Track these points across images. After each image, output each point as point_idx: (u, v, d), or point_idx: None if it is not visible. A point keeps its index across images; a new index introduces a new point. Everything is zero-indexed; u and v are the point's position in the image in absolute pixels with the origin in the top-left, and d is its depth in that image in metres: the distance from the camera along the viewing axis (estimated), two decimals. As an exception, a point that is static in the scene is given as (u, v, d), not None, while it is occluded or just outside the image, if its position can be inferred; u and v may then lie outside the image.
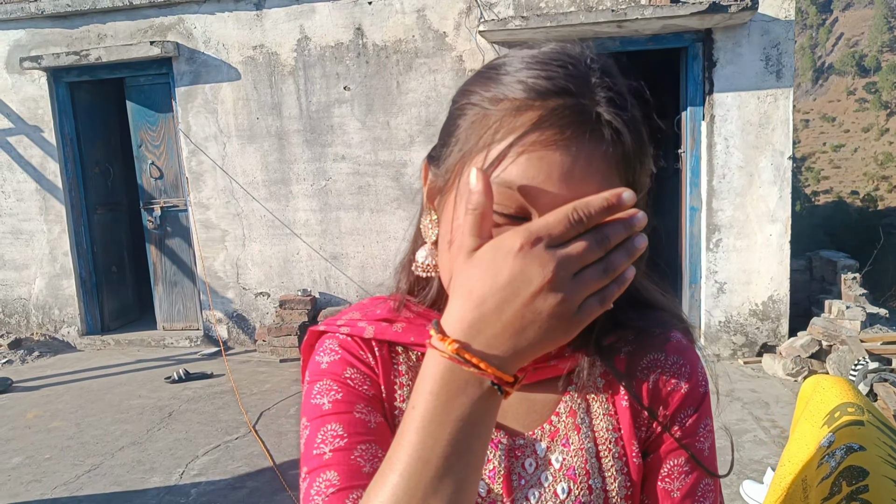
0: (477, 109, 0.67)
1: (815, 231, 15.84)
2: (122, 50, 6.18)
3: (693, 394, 0.80)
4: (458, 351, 0.56)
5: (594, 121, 0.63)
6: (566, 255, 0.55)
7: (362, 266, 6.23)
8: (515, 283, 0.55)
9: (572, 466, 0.78)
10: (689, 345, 0.83)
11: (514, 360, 0.57)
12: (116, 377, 5.77)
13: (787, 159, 5.38)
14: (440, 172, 0.73)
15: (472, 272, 0.57)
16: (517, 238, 0.55)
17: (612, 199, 0.56)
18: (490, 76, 0.68)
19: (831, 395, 1.40)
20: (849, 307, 5.20)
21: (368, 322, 0.82)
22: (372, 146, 6.06)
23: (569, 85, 0.64)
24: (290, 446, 4.18)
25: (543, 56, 0.67)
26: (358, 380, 0.79)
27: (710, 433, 0.81)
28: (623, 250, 0.56)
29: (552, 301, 0.54)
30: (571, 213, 0.55)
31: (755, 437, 4.10)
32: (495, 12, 5.65)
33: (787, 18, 5.24)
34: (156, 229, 6.70)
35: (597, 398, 0.81)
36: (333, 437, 0.73)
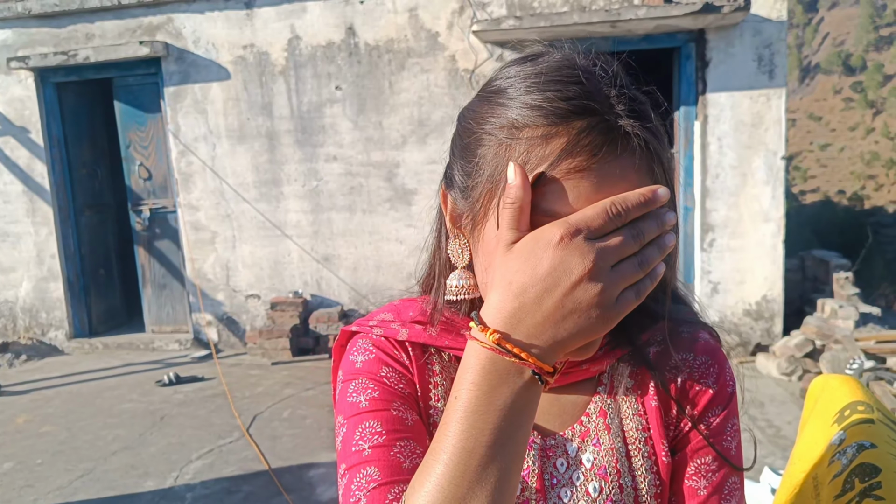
0: (497, 139, 0.67)
1: (803, 230, 15.95)
2: (111, 50, 6.12)
3: (721, 393, 0.82)
4: (499, 341, 0.58)
5: (621, 136, 0.63)
6: (605, 247, 0.57)
7: (354, 267, 6.19)
8: (556, 273, 0.56)
9: (603, 466, 0.79)
10: (716, 345, 0.85)
11: (554, 350, 0.59)
12: (106, 381, 5.71)
13: (780, 159, 5.40)
14: (468, 202, 0.72)
15: (511, 264, 0.59)
16: (557, 230, 0.57)
17: (649, 195, 0.59)
18: (498, 102, 0.68)
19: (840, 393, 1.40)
20: (842, 306, 5.21)
21: (402, 324, 0.83)
22: (364, 146, 6.02)
23: (589, 103, 0.63)
24: (284, 450, 4.14)
25: (551, 72, 0.66)
26: (394, 378, 0.79)
27: (736, 432, 0.84)
28: (655, 246, 0.59)
29: (592, 291, 0.56)
30: (610, 206, 0.57)
31: (751, 436, 4.10)
32: (488, 12, 5.63)
33: (780, 19, 5.25)
34: (144, 231, 6.64)
35: (626, 399, 0.82)
36: (372, 434, 0.74)
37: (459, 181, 0.73)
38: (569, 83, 0.64)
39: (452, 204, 0.75)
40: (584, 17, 5.06)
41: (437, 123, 5.86)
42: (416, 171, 5.96)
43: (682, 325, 0.84)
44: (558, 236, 0.57)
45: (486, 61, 5.70)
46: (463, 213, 0.73)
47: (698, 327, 0.85)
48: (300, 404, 4.91)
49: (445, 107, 5.83)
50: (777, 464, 3.59)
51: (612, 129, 0.63)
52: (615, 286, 0.57)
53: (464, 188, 0.72)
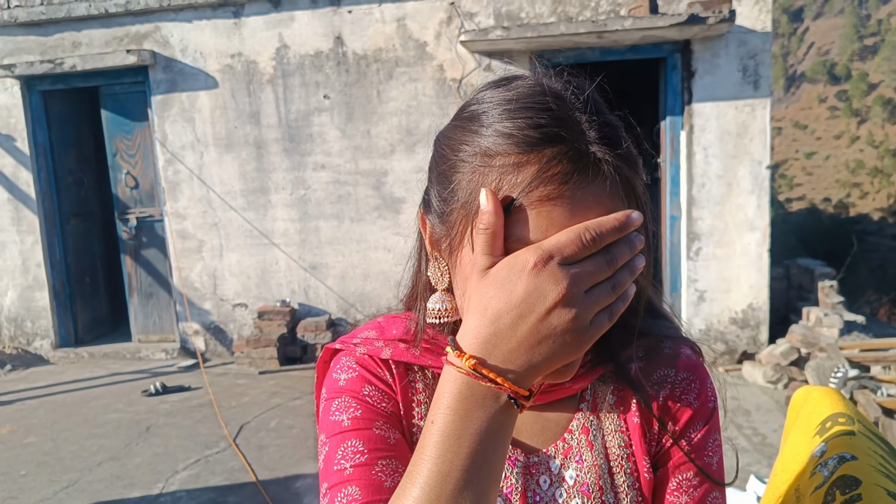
0: (471, 167, 0.67)
1: (790, 237, 16.07)
2: (98, 58, 6.10)
3: (703, 409, 0.83)
4: (474, 367, 0.59)
5: (592, 163, 0.64)
6: (578, 273, 0.57)
7: (342, 276, 6.18)
8: (530, 299, 0.57)
9: (586, 482, 0.79)
10: (698, 361, 0.86)
11: (530, 375, 0.59)
12: (91, 391, 5.66)
13: (765, 168, 5.44)
14: (445, 227, 0.72)
15: (486, 290, 0.60)
16: (531, 256, 0.58)
17: (623, 219, 0.59)
18: (472, 129, 0.68)
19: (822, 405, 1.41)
20: (827, 314, 5.25)
21: (385, 343, 0.83)
22: (352, 155, 6.02)
23: (559, 131, 0.63)
24: (271, 460, 4.12)
25: (522, 99, 0.66)
26: (376, 397, 0.80)
27: (718, 447, 0.84)
28: (627, 269, 0.60)
29: (566, 316, 0.57)
30: (584, 232, 0.58)
31: (737, 444, 4.12)
32: (476, 22, 5.65)
33: (764, 30, 5.30)
34: (131, 240, 6.61)
35: (608, 416, 0.83)
36: (354, 453, 0.74)
37: (436, 206, 0.74)
38: (540, 110, 0.64)
39: (431, 228, 0.76)
40: (570, 28, 5.09)
41: (425, 132, 5.87)
42: (404, 179, 5.97)
43: (664, 340, 0.85)
44: (532, 262, 0.57)
45: (474, 71, 5.72)
46: (441, 238, 0.74)
47: (680, 343, 0.86)
48: (287, 414, 4.89)
49: (433, 116, 5.84)
50: (763, 472, 3.61)
51: (582, 156, 0.63)
52: (589, 311, 0.58)
53: (440, 213, 0.73)
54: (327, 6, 5.88)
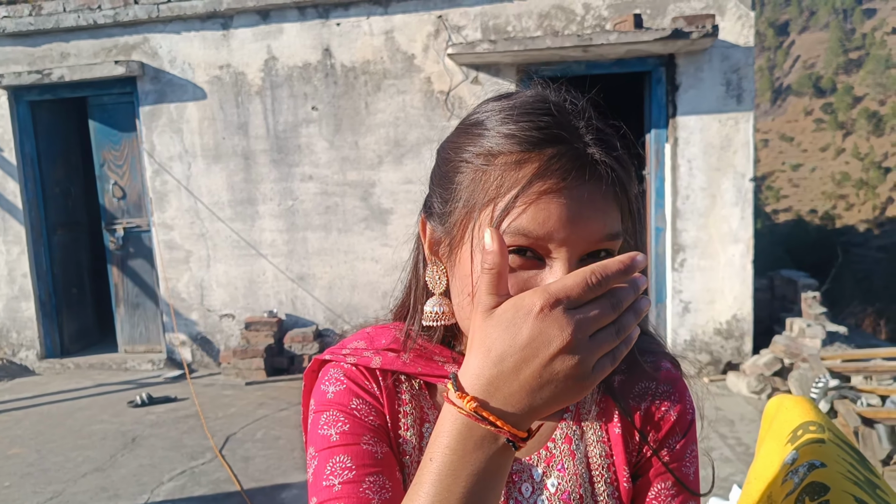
0: (473, 166, 0.71)
1: (776, 249, 16.18)
2: (86, 69, 6.10)
3: (681, 421, 0.86)
4: (476, 409, 0.59)
5: (589, 163, 0.67)
6: (584, 319, 0.57)
7: (330, 287, 6.19)
8: (535, 343, 0.57)
9: (567, 490, 0.81)
10: (677, 374, 0.89)
11: (529, 417, 0.60)
12: (77, 402, 5.63)
13: (748, 181, 5.51)
14: (445, 228, 0.75)
15: (491, 331, 0.59)
16: (537, 299, 0.57)
17: (628, 262, 0.59)
18: (475, 133, 0.72)
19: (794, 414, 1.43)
20: (809, 325, 5.31)
21: (375, 352, 0.84)
22: (340, 166, 6.05)
23: (559, 132, 0.67)
24: (257, 471, 4.11)
25: (524, 106, 0.70)
26: (364, 410, 0.81)
27: (695, 458, 0.87)
28: (632, 312, 0.59)
29: (569, 363, 0.56)
30: (590, 276, 0.57)
31: (721, 454, 4.15)
32: (463, 35, 5.71)
33: (747, 45, 5.38)
34: (118, 250, 6.59)
35: (591, 425, 0.85)
36: (342, 469, 0.75)
37: (438, 208, 0.77)
38: (541, 115, 0.68)
39: (431, 231, 0.79)
40: (556, 42, 5.15)
41: (413, 144, 5.91)
42: (392, 190, 6.00)
43: (646, 354, 0.88)
44: (539, 307, 0.57)
45: (462, 83, 5.77)
46: (441, 240, 0.76)
47: (661, 357, 0.89)
48: (274, 425, 4.89)
49: (421, 128, 5.89)
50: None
51: (580, 156, 0.67)
52: (592, 356, 0.57)
53: (441, 214, 0.76)
54: (316, 18, 5.92)
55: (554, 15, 5.60)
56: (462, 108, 5.80)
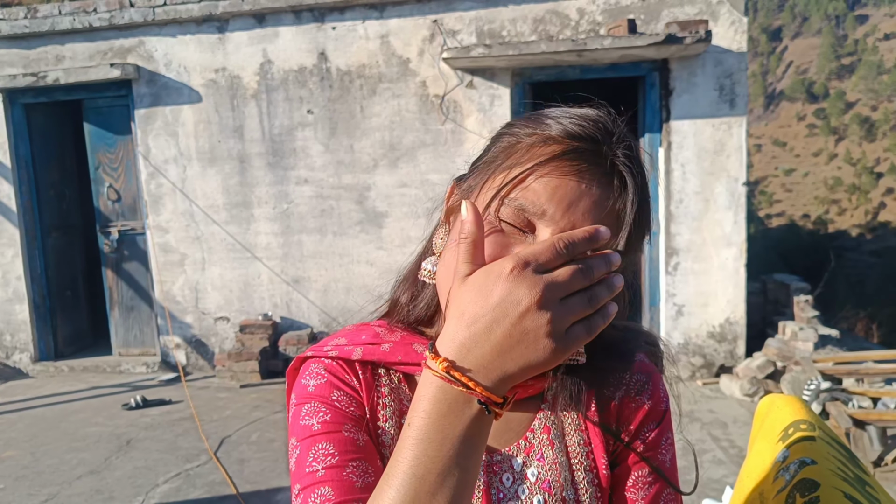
0: (512, 138, 0.76)
1: (769, 253, 16.23)
2: (81, 72, 6.11)
3: (655, 410, 0.88)
4: (447, 369, 0.60)
5: (608, 167, 0.71)
6: (552, 279, 0.59)
7: (324, 289, 6.20)
8: (505, 303, 0.59)
9: (547, 479, 0.83)
10: (651, 365, 0.91)
11: (503, 382, 0.61)
12: (71, 404, 5.63)
13: (741, 185, 5.54)
14: (464, 188, 0.80)
15: (465, 295, 0.62)
16: (507, 263, 0.60)
17: (592, 231, 0.61)
18: (534, 118, 0.77)
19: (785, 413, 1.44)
20: (802, 329, 5.34)
21: (355, 346, 0.86)
22: (335, 169, 6.07)
23: (596, 135, 0.72)
24: (252, 473, 4.12)
25: (581, 112, 0.75)
26: (344, 401, 0.82)
27: (671, 446, 0.89)
28: (604, 285, 0.61)
29: (540, 321, 0.58)
30: (557, 241, 0.60)
31: (714, 456, 4.17)
32: (458, 39, 5.74)
33: (740, 50, 5.43)
34: (112, 253, 6.59)
35: (568, 415, 0.87)
36: (325, 455, 0.76)
37: (467, 174, 0.82)
38: (586, 119, 0.74)
39: (455, 197, 0.83)
40: (551, 47, 5.18)
41: (407, 147, 5.93)
42: (387, 194, 6.01)
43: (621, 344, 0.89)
44: (508, 268, 0.59)
45: (457, 87, 5.80)
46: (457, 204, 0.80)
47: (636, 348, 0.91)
48: (268, 427, 4.89)
49: (416, 131, 5.91)
50: (738, 483, 3.65)
51: (602, 158, 0.71)
52: (564, 319, 0.59)
53: (471, 172, 0.81)
54: (311, 22, 5.94)
55: (549, 20, 5.63)
56: (457, 111, 5.83)
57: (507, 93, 5.72)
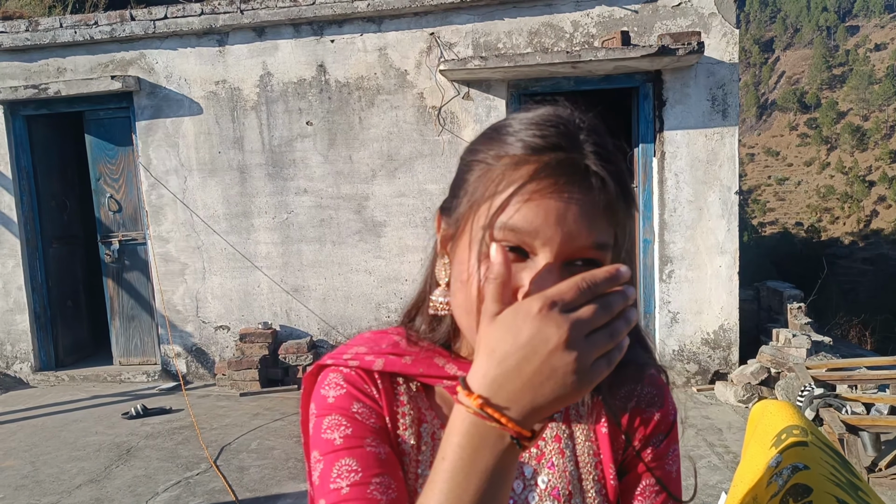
0: (483, 165, 0.77)
1: (763, 261, 16.32)
2: (82, 84, 6.17)
3: (664, 421, 0.91)
4: (481, 406, 0.63)
5: (583, 171, 0.73)
6: (578, 318, 0.62)
7: (324, 298, 6.26)
8: (534, 342, 0.61)
9: (557, 487, 0.86)
10: (661, 378, 0.95)
11: (533, 416, 0.63)
12: (71, 414, 5.65)
13: (733, 194, 5.63)
14: (451, 221, 0.82)
15: (494, 333, 0.63)
16: (535, 303, 0.62)
17: (613, 271, 0.64)
18: (493, 137, 0.78)
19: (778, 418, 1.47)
20: (795, 335, 5.41)
21: (376, 355, 0.87)
22: (334, 180, 6.13)
23: (560, 141, 0.73)
24: (252, 481, 4.15)
25: (538, 118, 0.76)
26: (365, 413, 0.84)
27: (677, 458, 0.92)
28: (623, 319, 0.64)
29: (567, 359, 0.60)
30: (581, 282, 0.63)
31: (709, 462, 4.22)
32: (455, 52, 5.82)
33: (732, 61, 5.52)
34: (113, 263, 6.63)
35: (579, 425, 0.90)
36: (349, 472, 0.78)
37: (449, 203, 0.83)
38: (548, 126, 0.75)
39: (444, 227, 0.84)
40: (546, 59, 5.26)
41: (405, 158, 6.00)
42: (386, 203, 6.08)
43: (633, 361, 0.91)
44: (536, 308, 0.61)
45: (453, 99, 5.88)
46: (450, 235, 0.82)
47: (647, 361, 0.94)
48: (268, 435, 4.93)
49: (414, 142, 5.98)
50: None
51: (575, 164, 0.72)
52: (589, 354, 0.61)
53: (451, 209, 0.81)
54: (310, 35, 6.02)
55: (544, 32, 5.72)
56: (454, 122, 5.90)
57: (503, 104, 5.81)
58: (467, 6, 5.74)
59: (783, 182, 65.02)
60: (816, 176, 64.94)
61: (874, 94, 79.26)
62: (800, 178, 65.28)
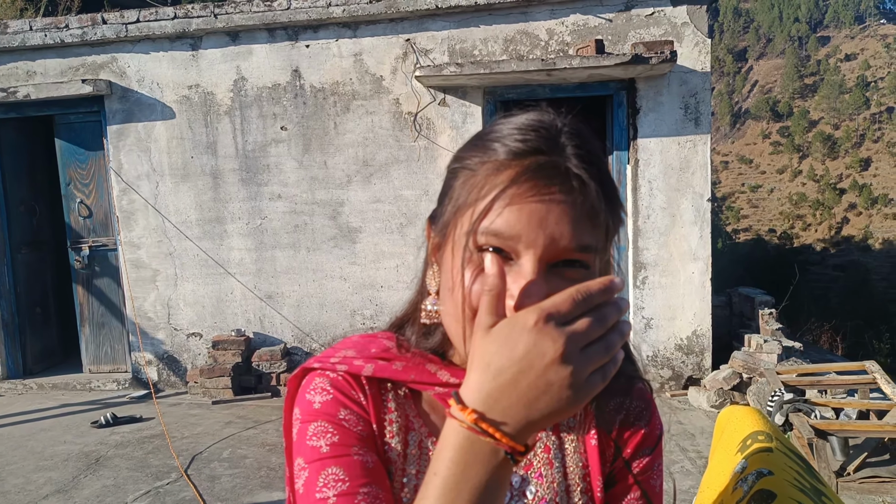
0: (466, 172, 0.77)
1: (737, 267, 16.52)
2: (53, 87, 6.08)
3: (651, 436, 0.92)
4: (476, 421, 0.62)
5: (563, 174, 0.72)
6: (574, 331, 0.61)
7: (298, 305, 6.21)
8: (530, 356, 0.60)
9: (545, 498, 0.86)
10: (649, 392, 0.95)
11: (527, 430, 0.62)
12: (39, 423, 5.55)
13: (706, 201, 5.69)
14: (438, 229, 0.81)
15: (489, 346, 0.62)
16: (531, 315, 0.61)
17: (607, 283, 0.63)
18: (477, 144, 0.78)
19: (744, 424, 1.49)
20: (766, 341, 5.47)
21: (365, 360, 0.85)
22: (309, 185, 6.10)
23: (541, 145, 0.73)
24: (223, 490, 4.11)
25: (521, 123, 0.76)
26: (352, 420, 0.82)
27: (660, 473, 0.93)
28: (617, 332, 0.63)
29: (563, 373, 0.59)
30: (575, 294, 0.62)
31: (682, 468, 4.25)
32: (431, 58, 5.83)
33: (704, 70, 5.59)
34: (83, 269, 6.54)
35: (568, 437, 0.90)
36: (335, 481, 0.76)
37: (437, 212, 0.83)
38: (529, 130, 0.74)
39: (434, 236, 0.83)
40: (521, 66, 5.29)
41: (381, 163, 5.99)
42: (361, 209, 6.06)
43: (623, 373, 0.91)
44: (532, 321, 0.60)
45: (429, 105, 5.88)
46: (437, 243, 0.81)
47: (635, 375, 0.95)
48: (241, 444, 4.88)
49: (390, 147, 5.97)
50: (705, 493, 3.72)
51: (556, 168, 0.72)
52: (585, 368, 0.60)
53: (438, 216, 0.81)
54: (285, 40, 6.00)
55: (519, 40, 5.75)
56: (430, 128, 5.90)
57: (479, 110, 5.82)
58: (443, 13, 5.75)
59: (756, 189, 65.95)
60: (789, 183, 65.97)
61: (844, 104, 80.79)
62: (773, 185, 66.27)
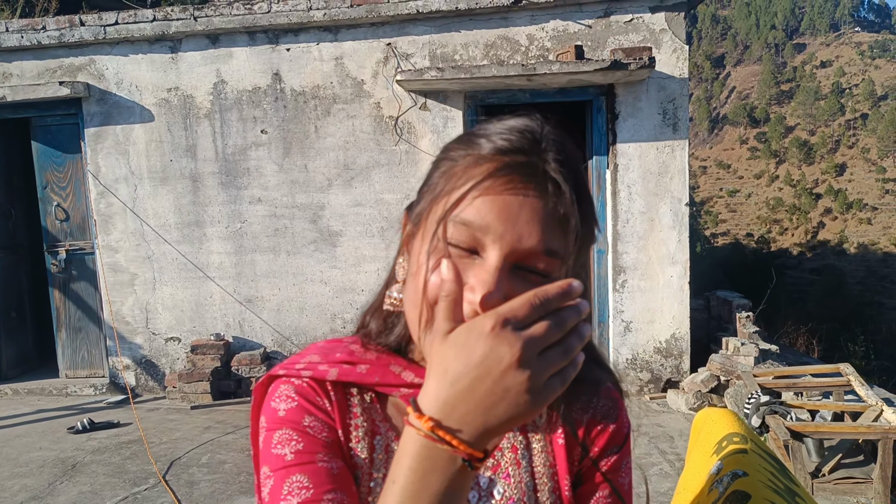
0: (448, 163, 0.78)
1: (715, 271, 16.68)
2: (29, 89, 6.02)
3: (619, 434, 0.92)
4: (432, 429, 0.61)
5: (540, 175, 0.73)
6: (531, 335, 0.60)
7: (278, 309, 6.19)
8: (487, 361, 0.59)
9: (512, 498, 0.86)
10: (616, 391, 0.96)
11: (485, 437, 0.61)
12: (14, 429, 5.47)
13: (684, 206, 5.75)
14: (413, 218, 0.82)
15: (447, 353, 0.62)
16: (488, 320, 0.61)
17: (566, 286, 0.63)
18: (466, 140, 0.79)
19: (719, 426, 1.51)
20: (743, 344, 5.54)
21: (330, 365, 0.85)
22: (289, 189, 6.08)
23: (523, 146, 0.74)
24: (202, 496, 4.08)
25: (509, 125, 0.78)
26: (317, 427, 0.82)
27: (629, 471, 0.94)
28: (576, 335, 0.63)
29: (520, 378, 0.59)
30: (533, 298, 0.62)
31: (661, 470, 4.28)
32: (412, 62, 5.84)
33: (682, 76, 5.65)
34: (60, 273, 6.46)
35: (536, 436, 0.90)
36: (300, 489, 0.76)
37: (416, 199, 0.83)
38: (515, 132, 0.76)
39: (409, 225, 0.83)
40: (502, 71, 5.32)
41: (362, 167, 5.99)
42: (342, 213, 6.05)
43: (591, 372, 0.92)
44: (489, 326, 0.59)
45: (410, 109, 5.89)
46: (411, 232, 0.82)
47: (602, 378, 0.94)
48: (220, 449, 4.85)
49: (371, 151, 5.97)
50: (683, 495, 3.76)
51: (534, 168, 0.73)
52: (543, 373, 0.59)
53: (415, 204, 0.82)
54: (266, 44, 5.98)
55: (499, 45, 5.78)
56: (411, 132, 5.91)
57: (460, 115, 5.84)
58: (424, 18, 5.77)
59: (734, 194, 66.67)
60: (766, 188, 66.76)
61: (820, 110, 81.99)
62: (750, 190, 67.03)
